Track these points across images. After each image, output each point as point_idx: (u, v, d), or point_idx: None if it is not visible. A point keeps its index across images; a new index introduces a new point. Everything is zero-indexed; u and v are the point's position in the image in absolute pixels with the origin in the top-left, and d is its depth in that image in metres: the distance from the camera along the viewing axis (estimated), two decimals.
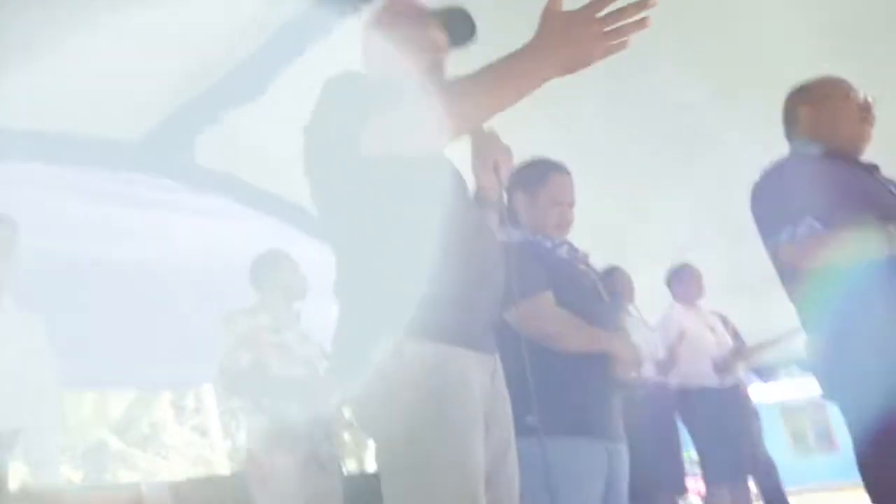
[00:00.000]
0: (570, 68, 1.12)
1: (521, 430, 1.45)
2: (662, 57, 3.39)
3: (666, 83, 3.57)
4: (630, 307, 3.82)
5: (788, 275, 1.98)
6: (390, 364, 1.27)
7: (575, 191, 2.09)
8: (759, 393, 4.61)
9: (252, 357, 2.82)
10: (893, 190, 1.94)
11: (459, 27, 1.55)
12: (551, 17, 1.10)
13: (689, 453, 4.04)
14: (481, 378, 1.36)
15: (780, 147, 2.15)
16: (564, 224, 2.05)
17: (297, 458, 2.68)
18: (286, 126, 1.58)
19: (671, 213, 4.42)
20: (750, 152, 3.73)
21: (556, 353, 1.87)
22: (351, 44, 1.69)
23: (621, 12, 1.06)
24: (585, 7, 1.08)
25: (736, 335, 4.44)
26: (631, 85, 3.55)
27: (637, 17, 1.05)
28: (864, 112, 2.01)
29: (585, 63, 1.10)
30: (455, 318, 1.33)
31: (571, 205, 2.07)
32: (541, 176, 2.06)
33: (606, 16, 1.07)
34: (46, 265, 3.64)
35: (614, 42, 1.08)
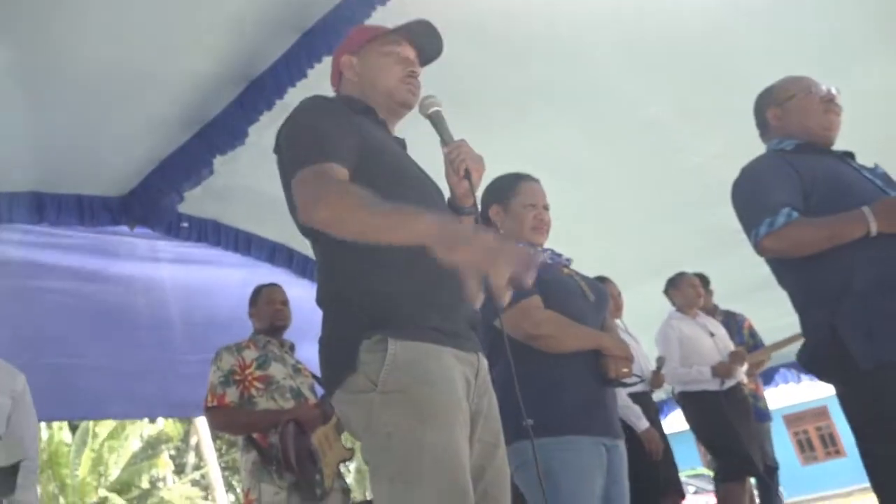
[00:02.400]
0: (459, 261, 1.17)
1: (521, 432, 1.46)
2: (628, 78, 3.51)
3: (635, 102, 3.66)
4: (617, 321, 3.85)
5: (775, 264, 2.06)
6: (372, 364, 1.30)
7: (547, 197, 2.15)
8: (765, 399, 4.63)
9: (238, 392, 2.86)
10: (867, 175, 2.02)
11: (427, 42, 1.63)
12: (494, 237, 1.20)
13: (698, 470, 4.04)
14: (465, 375, 1.38)
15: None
16: (541, 226, 2.09)
17: (285, 489, 2.68)
18: (271, 169, 1.62)
19: (656, 228, 4.50)
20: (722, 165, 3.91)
21: (548, 354, 1.90)
22: (328, 85, 1.76)
23: (523, 263, 1.19)
24: (513, 248, 1.19)
25: (752, 332, 4.50)
26: (605, 105, 3.64)
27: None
28: (828, 103, 2.08)
29: (467, 266, 1.17)
30: (434, 317, 1.36)
31: (546, 207, 2.12)
32: (511, 185, 2.13)
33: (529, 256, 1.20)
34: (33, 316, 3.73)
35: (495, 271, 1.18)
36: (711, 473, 3.93)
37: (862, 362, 1.79)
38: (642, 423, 3.46)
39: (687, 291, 4.13)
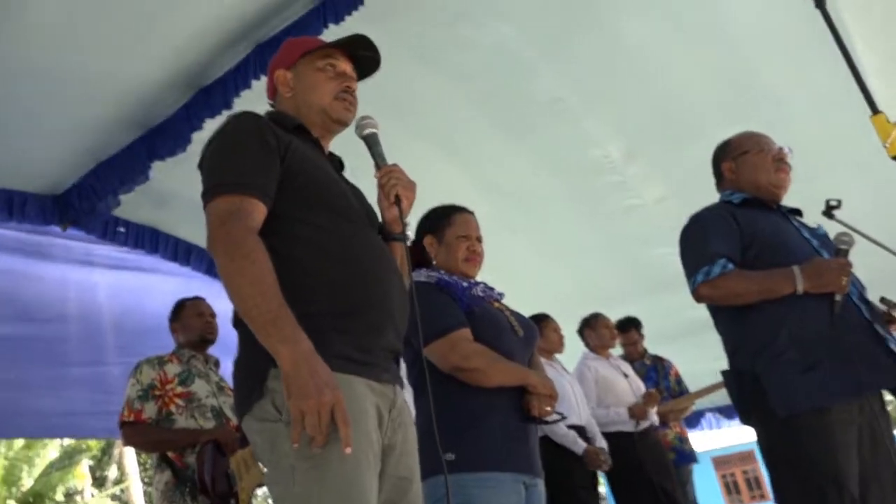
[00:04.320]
0: (291, 384, 1.20)
1: (440, 466, 1.44)
2: (581, 115, 3.59)
3: (586, 140, 3.74)
4: (557, 356, 3.89)
5: (713, 310, 2.18)
6: (279, 393, 1.25)
7: (480, 228, 2.17)
8: (692, 442, 4.71)
9: (157, 408, 2.75)
10: (806, 234, 2.14)
11: (364, 56, 1.60)
12: (333, 383, 1.22)
13: None
14: (378, 407, 1.34)
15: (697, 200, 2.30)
16: (474, 257, 2.10)
17: None
18: None
19: (595, 265, 4.58)
20: (663, 209, 4.04)
21: (474, 388, 1.89)
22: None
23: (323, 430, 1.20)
24: (332, 404, 1.20)
25: (678, 379, 4.59)
26: (557, 139, 3.72)
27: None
28: (779, 162, 2.20)
29: (295, 392, 1.21)
30: (348, 346, 1.32)
31: (479, 239, 2.14)
32: (444, 216, 2.14)
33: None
34: None
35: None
36: None
37: (778, 410, 1.91)
38: (580, 446, 3.52)
39: (602, 332, 4.18)
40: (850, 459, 1.86)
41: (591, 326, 4.21)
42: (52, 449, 15.45)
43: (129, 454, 15.04)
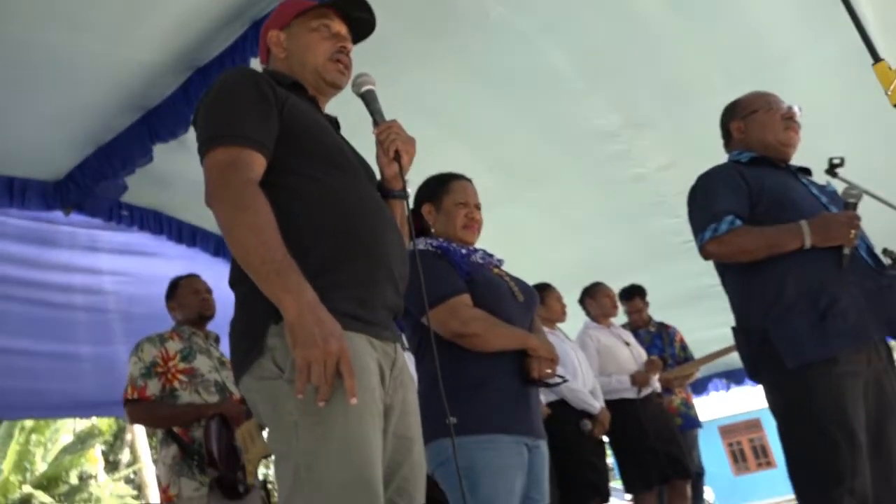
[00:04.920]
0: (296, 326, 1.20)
1: (442, 430, 1.44)
2: (584, 85, 3.56)
3: (590, 109, 3.71)
4: (559, 326, 3.90)
5: (721, 268, 2.19)
6: (279, 350, 1.24)
7: (479, 195, 2.17)
8: (698, 409, 4.74)
9: (160, 385, 2.77)
10: (815, 191, 2.15)
11: (360, 17, 1.56)
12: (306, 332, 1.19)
13: None
14: (380, 365, 1.32)
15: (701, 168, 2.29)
16: (472, 224, 2.10)
17: (206, 484, 2.61)
18: None
19: (599, 235, 4.57)
20: (667, 177, 4.02)
21: (474, 353, 1.91)
22: None
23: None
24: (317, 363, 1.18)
25: (683, 345, 4.60)
26: (560, 110, 3.69)
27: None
28: (788, 120, 2.20)
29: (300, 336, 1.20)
30: (351, 303, 1.30)
31: (477, 207, 2.14)
32: (442, 184, 2.14)
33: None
34: None
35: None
36: None
37: (788, 362, 1.93)
38: (595, 407, 3.56)
39: (603, 302, 4.18)
40: (857, 410, 1.89)
41: (592, 296, 4.22)
42: (64, 434, 15.62)
43: (141, 438, 15.18)
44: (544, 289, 3.80)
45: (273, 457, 1.30)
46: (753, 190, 2.08)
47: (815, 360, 1.90)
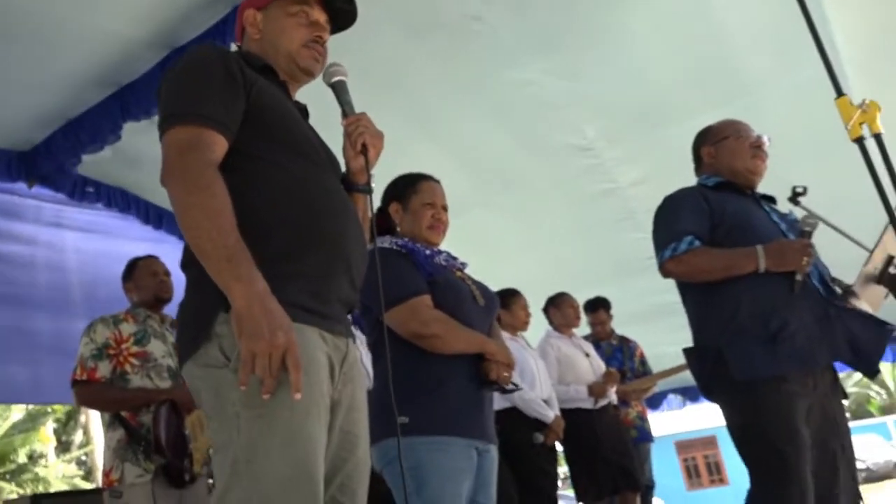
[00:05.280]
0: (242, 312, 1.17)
1: (391, 429, 1.44)
2: (564, 98, 3.59)
3: (568, 122, 3.74)
4: (521, 334, 3.92)
5: (681, 287, 2.27)
6: (227, 338, 1.21)
7: (446, 196, 2.17)
8: (652, 425, 4.80)
9: (111, 367, 2.72)
10: (774, 218, 2.23)
11: (341, 7, 1.54)
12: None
13: None
14: (330, 359, 1.30)
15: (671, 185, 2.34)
16: (438, 225, 2.10)
17: (151, 471, 2.57)
18: None
19: (570, 245, 4.60)
20: (639, 193, 4.07)
21: (432, 354, 1.89)
22: None
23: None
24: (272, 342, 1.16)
25: (642, 360, 4.66)
26: (539, 120, 3.71)
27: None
28: (756, 149, 2.29)
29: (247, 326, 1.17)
30: (304, 295, 1.28)
31: (444, 208, 2.14)
32: (411, 183, 2.15)
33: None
34: None
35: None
36: None
37: (737, 375, 2.00)
38: (548, 416, 3.58)
39: (567, 312, 4.22)
40: (803, 428, 1.96)
41: (556, 305, 4.25)
42: (15, 411, 15.29)
43: (95, 419, 14.92)
44: (511, 295, 3.81)
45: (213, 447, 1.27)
46: (716, 213, 2.16)
47: (764, 376, 1.98)
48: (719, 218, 2.15)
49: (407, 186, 2.14)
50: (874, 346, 2.01)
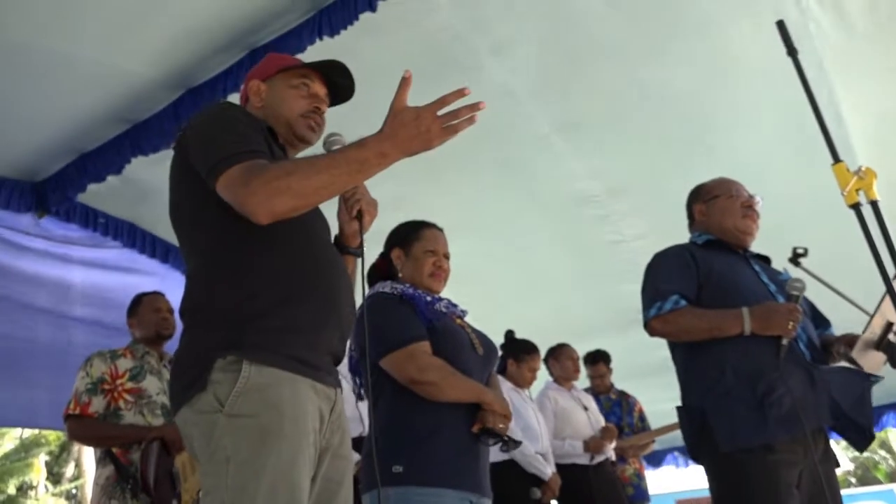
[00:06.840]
0: (413, 151, 1.29)
1: (389, 478, 1.43)
2: (568, 152, 3.63)
3: (572, 175, 3.78)
4: (525, 390, 3.88)
5: (671, 346, 2.24)
6: (222, 385, 1.25)
7: (448, 245, 2.19)
8: (653, 482, 4.71)
9: (105, 402, 2.71)
10: (764, 278, 2.20)
11: (340, 82, 1.62)
12: (401, 111, 1.27)
13: None
14: (319, 409, 1.34)
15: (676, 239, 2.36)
16: (440, 273, 2.11)
17: None
18: None
19: (571, 297, 4.59)
20: (642, 246, 4.07)
21: (428, 401, 1.88)
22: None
23: (456, 112, 1.28)
24: (430, 105, 1.28)
25: (641, 416, 4.59)
26: (543, 173, 3.75)
27: (468, 116, 1.29)
28: (747, 209, 2.29)
29: (426, 147, 1.29)
30: (297, 345, 1.33)
31: (446, 256, 2.15)
32: (413, 230, 2.17)
33: (445, 114, 1.28)
34: None
35: (449, 134, 1.29)
36: None
37: (723, 446, 1.97)
38: (546, 473, 3.53)
39: (566, 364, 4.18)
40: (791, 498, 1.91)
41: (556, 357, 4.21)
42: (9, 441, 15.13)
43: (88, 453, 14.76)
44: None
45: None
46: (702, 272, 2.15)
47: (750, 445, 1.94)
48: (705, 277, 2.14)
49: (410, 233, 2.15)
50: (859, 410, 1.96)
